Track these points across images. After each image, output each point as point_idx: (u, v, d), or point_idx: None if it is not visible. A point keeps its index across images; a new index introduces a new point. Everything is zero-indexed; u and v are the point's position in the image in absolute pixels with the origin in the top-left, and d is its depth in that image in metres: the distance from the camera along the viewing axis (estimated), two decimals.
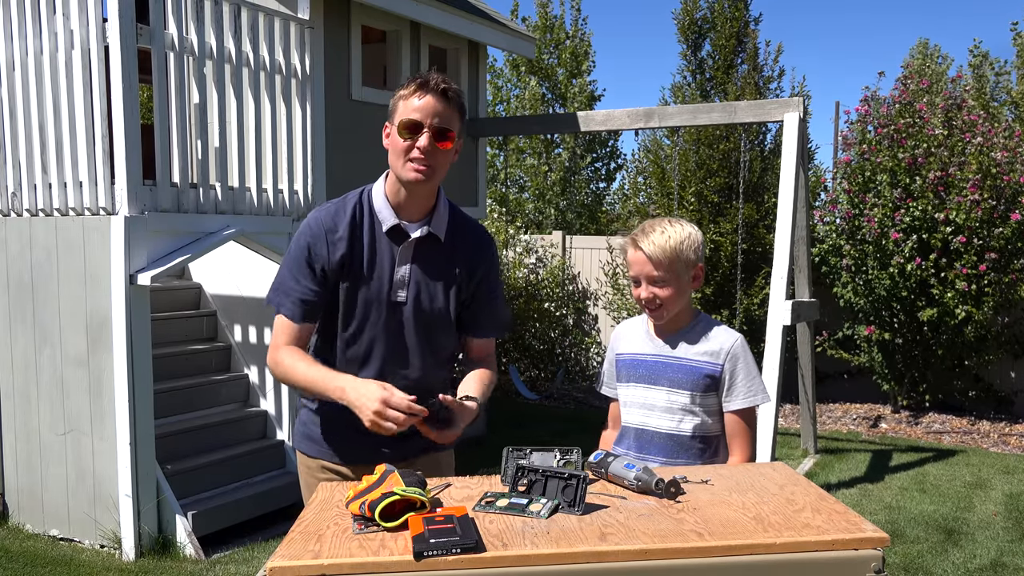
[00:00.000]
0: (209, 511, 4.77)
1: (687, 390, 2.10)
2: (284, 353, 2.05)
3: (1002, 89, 12.40)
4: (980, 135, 7.53)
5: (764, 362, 5.63)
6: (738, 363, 2.12)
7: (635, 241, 2.13)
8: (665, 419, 2.11)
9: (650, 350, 2.17)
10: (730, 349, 2.12)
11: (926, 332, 7.87)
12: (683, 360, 2.12)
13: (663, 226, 2.13)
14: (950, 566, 4.47)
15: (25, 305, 4.85)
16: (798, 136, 5.99)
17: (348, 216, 2.06)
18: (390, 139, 2.02)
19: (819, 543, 1.33)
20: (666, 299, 2.10)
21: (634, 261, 2.13)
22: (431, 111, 1.96)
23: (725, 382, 2.11)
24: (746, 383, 2.12)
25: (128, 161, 4.44)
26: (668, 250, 2.09)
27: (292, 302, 2.05)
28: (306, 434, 2.18)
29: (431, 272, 2.08)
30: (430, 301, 2.08)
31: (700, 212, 9.01)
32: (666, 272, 2.09)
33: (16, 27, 4.77)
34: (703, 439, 2.13)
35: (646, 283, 2.11)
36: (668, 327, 2.17)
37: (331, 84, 5.86)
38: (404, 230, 2.06)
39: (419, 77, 2.00)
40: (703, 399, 2.11)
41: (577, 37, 14.95)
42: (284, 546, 1.36)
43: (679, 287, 2.11)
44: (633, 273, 2.14)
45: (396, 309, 2.07)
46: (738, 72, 10.02)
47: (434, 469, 2.08)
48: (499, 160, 14.21)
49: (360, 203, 2.09)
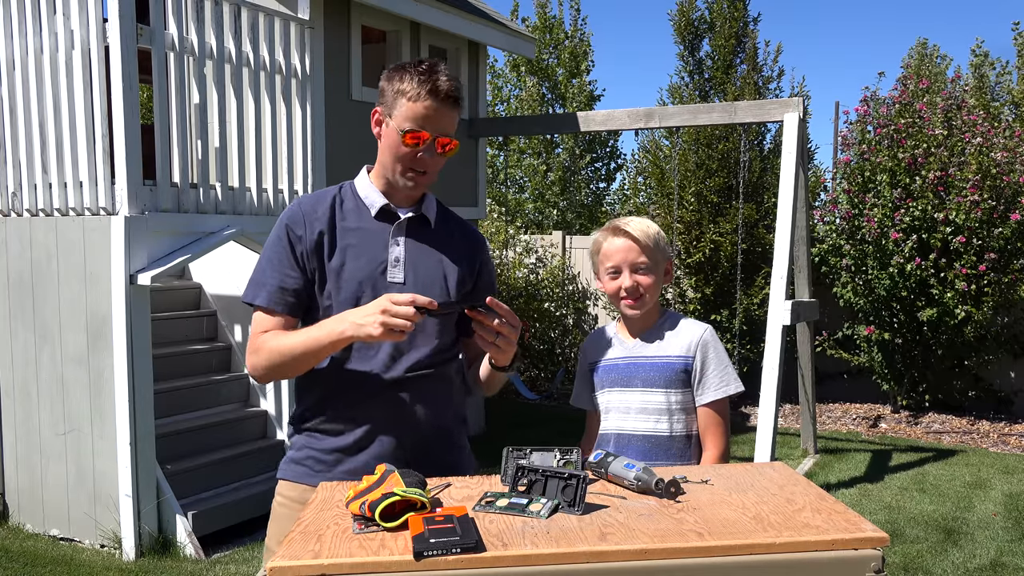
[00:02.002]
0: (209, 511, 4.77)
1: (661, 388, 2.07)
2: (263, 338, 1.85)
3: (1003, 89, 12.40)
4: (980, 135, 7.53)
5: (764, 362, 5.64)
6: (708, 352, 2.08)
7: (617, 228, 2.11)
8: (641, 421, 2.08)
9: (623, 353, 2.14)
10: (699, 339, 2.09)
11: (926, 332, 7.87)
12: (655, 358, 2.10)
13: (636, 218, 2.14)
14: (950, 566, 4.47)
15: (25, 305, 4.85)
16: (798, 136, 5.99)
17: (329, 199, 1.92)
18: (387, 135, 1.86)
19: (819, 543, 1.33)
20: (648, 287, 2.09)
21: (616, 250, 2.10)
22: (438, 121, 1.82)
23: (696, 374, 2.08)
24: (717, 373, 2.08)
25: (128, 161, 4.44)
26: (651, 235, 2.11)
27: (269, 291, 1.86)
28: None
29: (426, 254, 1.92)
30: (429, 284, 1.89)
31: (700, 212, 9.01)
32: (649, 258, 2.08)
33: (16, 27, 4.77)
34: (682, 438, 2.09)
35: (629, 271, 2.08)
36: (638, 326, 2.14)
37: (331, 84, 5.86)
38: (394, 211, 1.92)
39: (426, 77, 1.80)
40: (678, 396, 2.08)
41: (576, 37, 14.96)
42: (284, 546, 1.36)
43: (658, 277, 2.11)
44: (614, 263, 2.10)
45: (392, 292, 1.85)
46: (737, 72, 10.02)
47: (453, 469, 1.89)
48: (499, 160, 14.22)
49: (342, 190, 1.95)
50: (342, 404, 1.88)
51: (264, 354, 1.84)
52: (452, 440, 1.97)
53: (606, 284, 2.13)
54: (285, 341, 1.82)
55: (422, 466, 1.72)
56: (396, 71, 1.85)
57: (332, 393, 1.89)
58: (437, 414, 1.92)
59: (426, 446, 1.90)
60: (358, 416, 1.87)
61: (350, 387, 1.87)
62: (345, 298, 1.86)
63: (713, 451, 2.09)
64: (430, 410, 1.90)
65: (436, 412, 1.92)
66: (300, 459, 1.92)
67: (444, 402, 1.93)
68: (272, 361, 1.84)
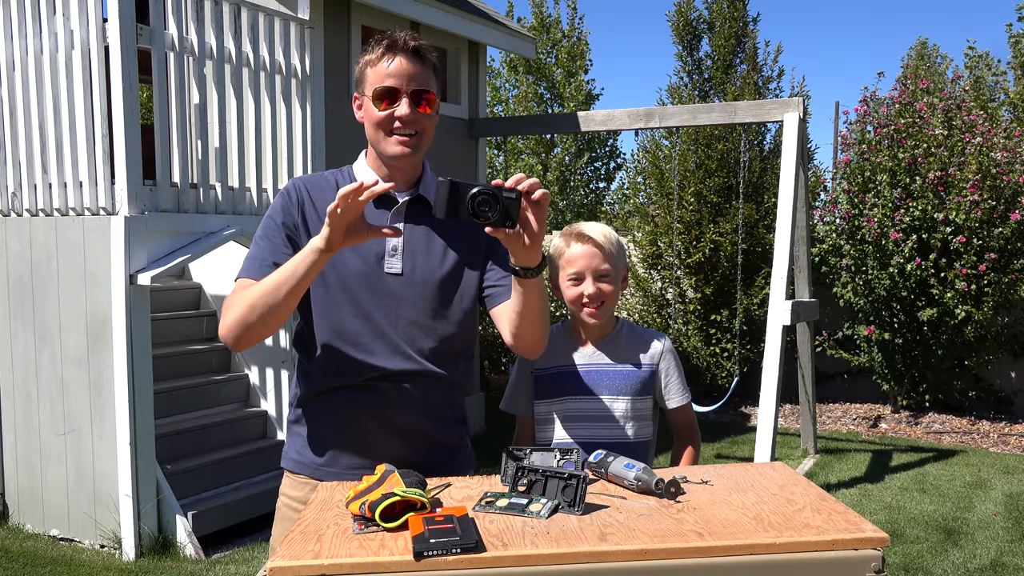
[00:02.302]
0: (209, 511, 4.77)
1: (628, 395, 2.08)
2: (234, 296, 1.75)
3: (1000, 89, 12.41)
4: (980, 135, 7.54)
5: (764, 362, 5.64)
6: (672, 361, 2.14)
7: (581, 234, 2.09)
8: (607, 428, 2.07)
9: (581, 360, 2.12)
10: (662, 349, 2.13)
11: (926, 332, 7.87)
12: (620, 366, 2.10)
13: (596, 223, 2.13)
14: (950, 566, 4.47)
15: (25, 305, 4.85)
16: (798, 136, 5.99)
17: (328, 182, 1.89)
18: (364, 111, 1.82)
19: (819, 543, 1.33)
20: (609, 295, 2.08)
21: (579, 256, 2.07)
22: (405, 74, 1.77)
23: (662, 381, 2.12)
24: (679, 380, 2.14)
25: (128, 161, 4.44)
26: (614, 242, 2.10)
27: (261, 264, 1.78)
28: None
29: (427, 237, 1.85)
30: (430, 271, 1.83)
31: (699, 212, 9.01)
32: (612, 266, 2.07)
33: (16, 27, 4.77)
34: (644, 444, 2.10)
35: (592, 278, 2.06)
36: (596, 334, 2.13)
37: (331, 84, 5.86)
38: (392, 195, 1.85)
39: (384, 38, 1.79)
40: (641, 403, 2.10)
41: (574, 36, 14.96)
42: (284, 546, 1.36)
43: (618, 284, 2.11)
44: (577, 269, 2.07)
45: (389, 283, 1.81)
46: (737, 72, 10.01)
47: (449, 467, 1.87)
48: (498, 160, 14.23)
49: (340, 174, 1.91)
50: (340, 399, 1.85)
51: (235, 307, 1.73)
52: (452, 440, 1.96)
53: (566, 290, 2.10)
54: (256, 286, 1.72)
55: (421, 466, 1.71)
56: (362, 51, 1.85)
57: (331, 389, 1.86)
58: (436, 413, 1.90)
59: (426, 446, 1.88)
60: (357, 413, 1.85)
61: (346, 382, 1.84)
62: (338, 289, 1.82)
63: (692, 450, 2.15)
64: (429, 409, 1.88)
65: (435, 411, 1.90)
66: (299, 448, 1.91)
67: (444, 402, 1.92)
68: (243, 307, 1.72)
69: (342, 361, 1.83)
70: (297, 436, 1.93)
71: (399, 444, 1.85)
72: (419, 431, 1.87)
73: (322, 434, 1.88)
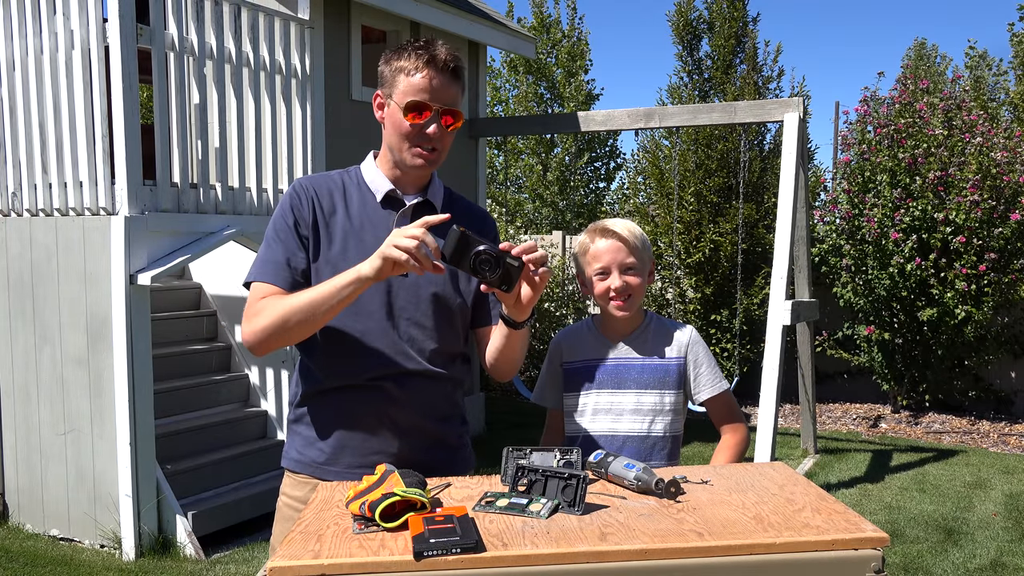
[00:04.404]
0: (209, 511, 4.77)
1: (656, 389, 2.09)
2: (264, 301, 1.77)
3: (1000, 89, 12.41)
4: (980, 135, 7.54)
5: (764, 362, 5.64)
6: (700, 352, 2.13)
7: (606, 229, 2.12)
8: (635, 422, 2.09)
9: (609, 354, 2.14)
10: (689, 340, 2.13)
11: (926, 332, 7.87)
12: (648, 359, 2.11)
13: (620, 219, 2.15)
14: (950, 566, 4.47)
15: (25, 305, 4.85)
16: (798, 136, 5.99)
17: (334, 183, 1.89)
18: (389, 116, 1.82)
19: (819, 543, 1.33)
20: (637, 288, 2.10)
21: (605, 251, 2.10)
22: (440, 93, 1.78)
23: (691, 373, 2.12)
24: (711, 370, 2.13)
25: (128, 161, 4.44)
26: (638, 236, 2.12)
27: (276, 266, 1.80)
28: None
29: None
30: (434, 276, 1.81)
31: (699, 212, 9.01)
32: (637, 259, 2.10)
33: (16, 27, 4.77)
34: (672, 439, 2.12)
35: (619, 272, 2.09)
36: (623, 328, 2.15)
37: (331, 84, 5.86)
38: (399, 197, 1.88)
39: (422, 49, 1.78)
40: (671, 397, 2.11)
41: (574, 36, 14.96)
42: (284, 546, 1.36)
43: (644, 278, 2.12)
44: (603, 264, 2.10)
45: (392, 283, 1.82)
46: (737, 72, 10.02)
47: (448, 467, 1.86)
48: (498, 160, 14.22)
49: (347, 175, 1.91)
50: (341, 399, 1.85)
51: (266, 314, 1.75)
52: (453, 439, 1.96)
53: (595, 285, 2.12)
54: (291, 299, 1.74)
55: (422, 465, 1.71)
56: (394, 51, 1.84)
57: (332, 388, 1.86)
58: (437, 413, 1.91)
59: (427, 445, 1.89)
60: (358, 412, 1.85)
61: (348, 381, 1.84)
62: None
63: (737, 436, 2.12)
64: (430, 409, 1.89)
65: (436, 411, 1.90)
66: (300, 448, 1.91)
67: (445, 401, 1.92)
68: (275, 318, 1.73)
69: (344, 360, 1.83)
70: (298, 435, 1.93)
71: (400, 443, 1.85)
72: (420, 430, 1.87)
73: (323, 433, 1.88)
